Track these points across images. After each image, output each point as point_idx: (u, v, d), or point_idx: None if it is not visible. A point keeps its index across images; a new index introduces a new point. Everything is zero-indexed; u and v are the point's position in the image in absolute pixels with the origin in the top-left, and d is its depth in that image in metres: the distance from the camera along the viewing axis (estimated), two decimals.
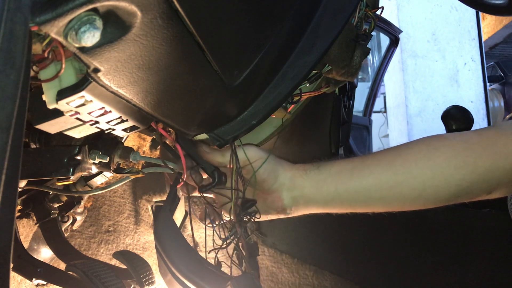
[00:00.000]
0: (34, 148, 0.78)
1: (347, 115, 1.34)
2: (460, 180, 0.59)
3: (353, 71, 0.72)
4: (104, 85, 0.41)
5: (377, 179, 0.61)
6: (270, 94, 0.63)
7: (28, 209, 1.04)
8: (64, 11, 0.31)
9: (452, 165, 0.59)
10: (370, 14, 0.73)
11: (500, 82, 5.29)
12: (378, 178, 0.61)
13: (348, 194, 0.63)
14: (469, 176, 0.58)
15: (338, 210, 0.65)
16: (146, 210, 1.52)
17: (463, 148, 0.59)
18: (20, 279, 1.15)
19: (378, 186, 0.61)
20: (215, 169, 0.67)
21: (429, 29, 4.02)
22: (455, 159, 0.59)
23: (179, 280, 0.61)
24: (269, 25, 0.56)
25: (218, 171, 0.67)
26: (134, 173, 0.75)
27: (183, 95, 0.52)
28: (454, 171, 0.59)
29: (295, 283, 1.43)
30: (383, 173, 0.61)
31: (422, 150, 0.61)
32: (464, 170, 0.58)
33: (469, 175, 0.58)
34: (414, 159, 0.61)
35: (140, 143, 1.44)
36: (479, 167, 0.58)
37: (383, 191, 0.61)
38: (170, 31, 0.40)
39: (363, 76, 4.16)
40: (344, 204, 0.64)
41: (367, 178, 0.62)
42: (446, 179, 0.59)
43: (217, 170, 0.68)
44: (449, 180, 0.59)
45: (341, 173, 0.63)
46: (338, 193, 0.63)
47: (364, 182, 0.62)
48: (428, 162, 0.60)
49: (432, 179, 0.59)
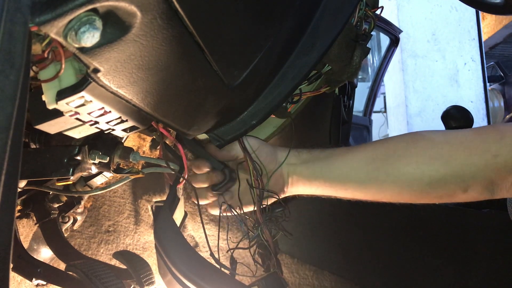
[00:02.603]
0: (34, 148, 0.78)
1: (347, 115, 1.35)
2: (434, 170, 0.59)
3: (353, 71, 0.72)
4: (104, 85, 0.41)
5: (357, 163, 0.66)
6: (270, 94, 0.64)
7: (28, 209, 1.04)
8: (63, 11, 0.31)
9: (427, 154, 0.61)
10: (370, 13, 0.73)
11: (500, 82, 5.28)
12: (358, 163, 0.66)
13: (330, 174, 0.67)
14: (443, 168, 0.59)
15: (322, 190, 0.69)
16: (146, 210, 1.52)
17: (440, 141, 0.61)
18: (20, 279, 1.15)
19: (357, 170, 0.65)
20: (225, 167, 0.68)
21: (429, 29, 4.02)
22: (431, 150, 0.61)
23: (179, 280, 0.61)
24: (269, 26, 0.56)
25: (228, 168, 0.68)
26: (134, 173, 0.75)
27: (183, 95, 0.52)
28: (428, 161, 0.60)
29: (295, 283, 1.43)
30: (363, 159, 0.66)
31: (403, 141, 0.64)
32: (439, 161, 0.59)
33: (443, 167, 0.59)
34: (394, 149, 0.64)
35: (140, 143, 1.44)
36: (454, 160, 0.59)
37: (361, 175, 0.65)
38: (170, 31, 0.40)
39: (363, 76, 4.16)
40: (326, 184, 0.68)
41: (348, 162, 0.67)
42: (420, 168, 0.60)
43: (228, 167, 0.68)
44: (423, 169, 0.60)
45: (327, 157, 0.68)
46: (322, 173, 0.68)
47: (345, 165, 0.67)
48: (406, 151, 0.63)
49: (407, 167, 0.61)
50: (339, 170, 0.67)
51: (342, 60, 0.70)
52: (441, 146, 0.60)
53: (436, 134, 0.64)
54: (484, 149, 0.57)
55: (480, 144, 0.58)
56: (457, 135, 0.61)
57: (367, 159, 0.65)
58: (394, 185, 0.63)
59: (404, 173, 0.62)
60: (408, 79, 3.94)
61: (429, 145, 0.61)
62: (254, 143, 0.70)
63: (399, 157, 0.63)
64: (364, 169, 0.65)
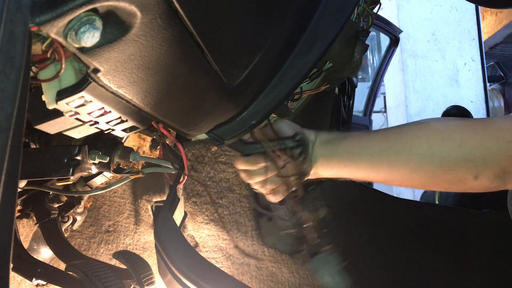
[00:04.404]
0: (34, 148, 0.78)
1: (347, 115, 1.35)
2: (445, 152, 0.59)
3: (354, 67, 0.73)
4: (104, 85, 0.41)
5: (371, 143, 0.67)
6: (269, 94, 0.63)
7: (28, 209, 1.04)
8: (63, 11, 0.31)
9: (438, 136, 0.61)
10: (368, 10, 0.74)
11: (500, 82, 5.28)
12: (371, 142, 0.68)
13: (344, 153, 0.69)
14: (454, 150, 0.59)
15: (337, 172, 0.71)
16: (146, 210, 1.52)
17: (453, 125, 0.62)
18: (20, 279, 1.15)
19: (370, 148, 0.67)
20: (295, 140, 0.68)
21: (429, 29, 4.02)
22: (443, 133, 0.61)
23: (179, 280, 0.61)
24: (269, 25, 0.56)
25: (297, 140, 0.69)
26: (134, 173, 0.75)
27: (183, 95, 0.52)
28: (440, 142, 0.60)
29: (295, 283, 1.43)
30: (376, 138, 0.68)
31: (416, 124, 0.66)
32: (450, 143, 0.59)
33: (454, 150, 0.59)
34: (406, 129, 0.65)
35: (140, 143, 1.44)
36: (465, 144, 0.58)
37: (374, 153, 0.66)
38: (170, 31, 0.40)
39: (363, 76, 4.16)
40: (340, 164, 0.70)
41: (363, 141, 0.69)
42: (431, 149, 0.61)
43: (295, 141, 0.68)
44: (433, 150, 0.60)
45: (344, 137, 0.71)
46: (337, 152, 0.70)
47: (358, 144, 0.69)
48: (418, 131, 0.63)
49: (418, 147, 0.62)
50: (353, 150, 0.68)
51: (343, 57, 0.71)
52: (453, 129, 0.61)
53: (449, 119, 0.65)
54: (498, 135, 0.57)
55: (493, 131, 0.58)
56: (472, 122, 0.62)
57: (380, 138, 0.67)
58: (405, 166, 0.64)
59: (415, 152, 0.62)
60: (408, 79, 3.94)
61: (441, 128, 0.62)
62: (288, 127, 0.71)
63: (411, 136, 0.63)
64: (376, 147, 0.66)
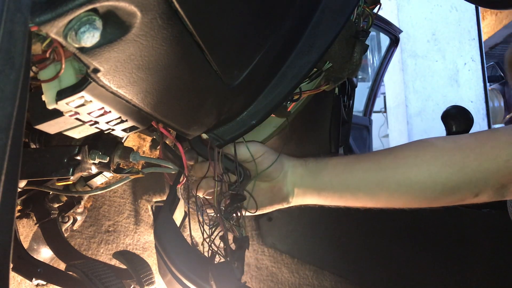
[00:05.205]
0: (34, 148, 0.78)
1: (347, 115, 1.35)
2: (446, 178, 0.59)
3: (353, 67, 0.73)
4: (104, 85, 0.41)
5: (367, 173, 0.64)
6: (269, 94, 0.64)
7: (28, 209, 1.04)
8: (63, 11, 0.31)
9: (439, 162, 0.60)
10: (368, 10, 0.74)
11: (500, 82, 5.28)
12: (367, 172, 0.64)
13: (339, 185, 0.66)
14: (455, 175, 0.59)
15: (331, 201, 0.68)
16: (146, 210, 1.52)
17: (451, 147, 0.60)
18: (20, 279, 1.15)
19: (367, 179, 0.64)
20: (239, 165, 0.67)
21: (429, 29, 4.02)
22: (443, 158, 0.60)
23: (179, 280, 0.61)
24: (269, 25, 0.56)
25: (242, 166, 0.68)
26: (134, 173, 0.75)
27: (183, 95, 0.52)
28: (440, 169, 0.59)
29: (295, 283, 1.43)
30: (372, 168, 0.65)
31: (412, 149, 0.63)
32: (451, 168, 0.59)
33: (455, 174, 0.59)
34: (402, 156, 0.63)
35: (140, 143, 1.44)
36: (466, 167, 0.58)
37: (371, 185, 0.64)
38: (170, 31, 0.40)
39: (363, 76, 4.16)
40: (335, 195, 0.67)
41: (357, 171, 0.65)
42: (432, 176, 0.60)
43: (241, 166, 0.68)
44: (435, 177, 0.60)
45: (335, 166, 0.67)
46: (331, 184, 0.66)
47: (354, 175, 0.65)
48: (416, 159, 0.61)
49: (419, 175, 0.61)
50: (349, 181, 0.65)
51: (343, 57, 0.71)
52: (452, 153, 0.60)
53: (444, 140, 0.63)
54: (495, 154, 0.57)
55: (490, 150, 0.57)
56: (467, 141, 0.61)
57: (376, 168, 0.64)
58: (407, 194, 0.62)
59: (416, 182, 0.61)
60: (408, 79, 3.94)
61: (439, 152, 0.60)
62: (259, 149, 0.67)
63: (410, 166, 0.62)
64: (374, 179, 0.64)
